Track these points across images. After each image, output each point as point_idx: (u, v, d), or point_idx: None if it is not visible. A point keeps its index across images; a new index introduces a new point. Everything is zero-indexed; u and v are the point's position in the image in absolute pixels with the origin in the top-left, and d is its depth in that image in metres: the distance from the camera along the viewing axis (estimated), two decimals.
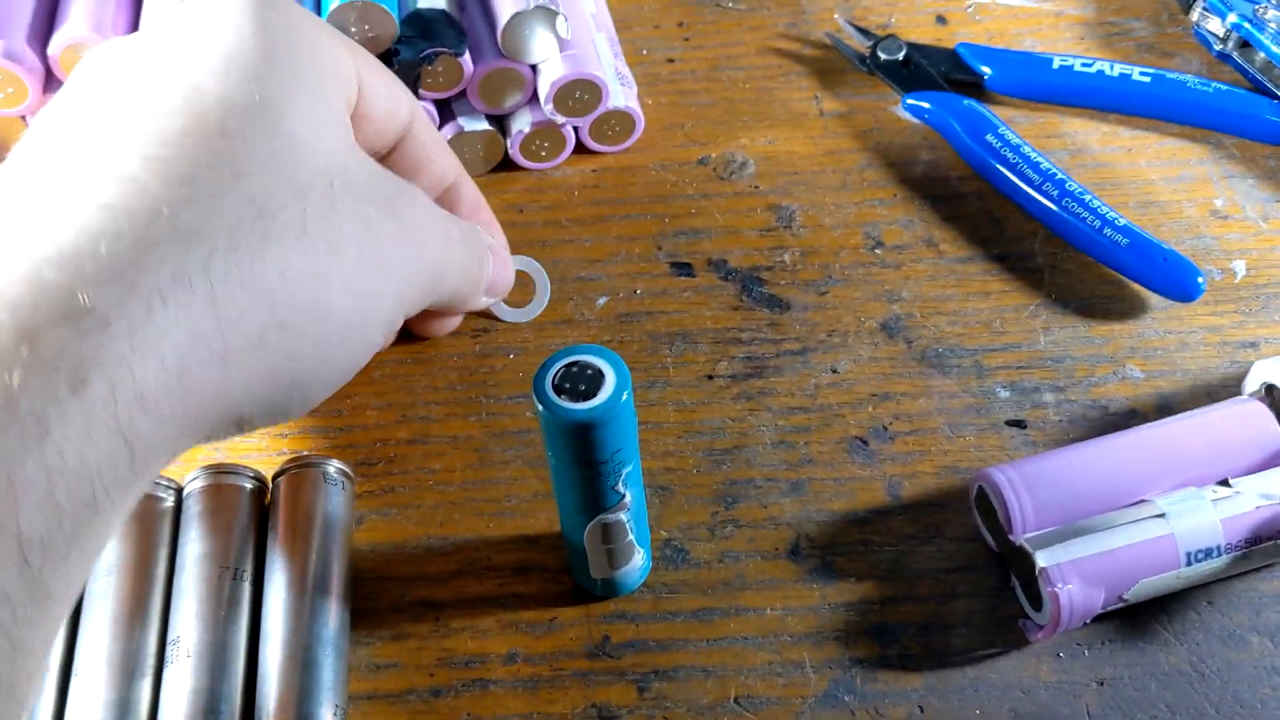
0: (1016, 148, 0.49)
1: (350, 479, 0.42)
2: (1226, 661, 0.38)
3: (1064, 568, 0.37)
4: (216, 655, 0.37)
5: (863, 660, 0.39)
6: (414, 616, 0.40)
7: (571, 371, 0.33)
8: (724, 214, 0.50)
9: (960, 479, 0.43)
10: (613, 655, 0.39)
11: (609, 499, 0.36)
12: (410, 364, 0.46)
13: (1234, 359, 0.45)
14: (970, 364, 0.45)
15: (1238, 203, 0.50)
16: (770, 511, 0.42)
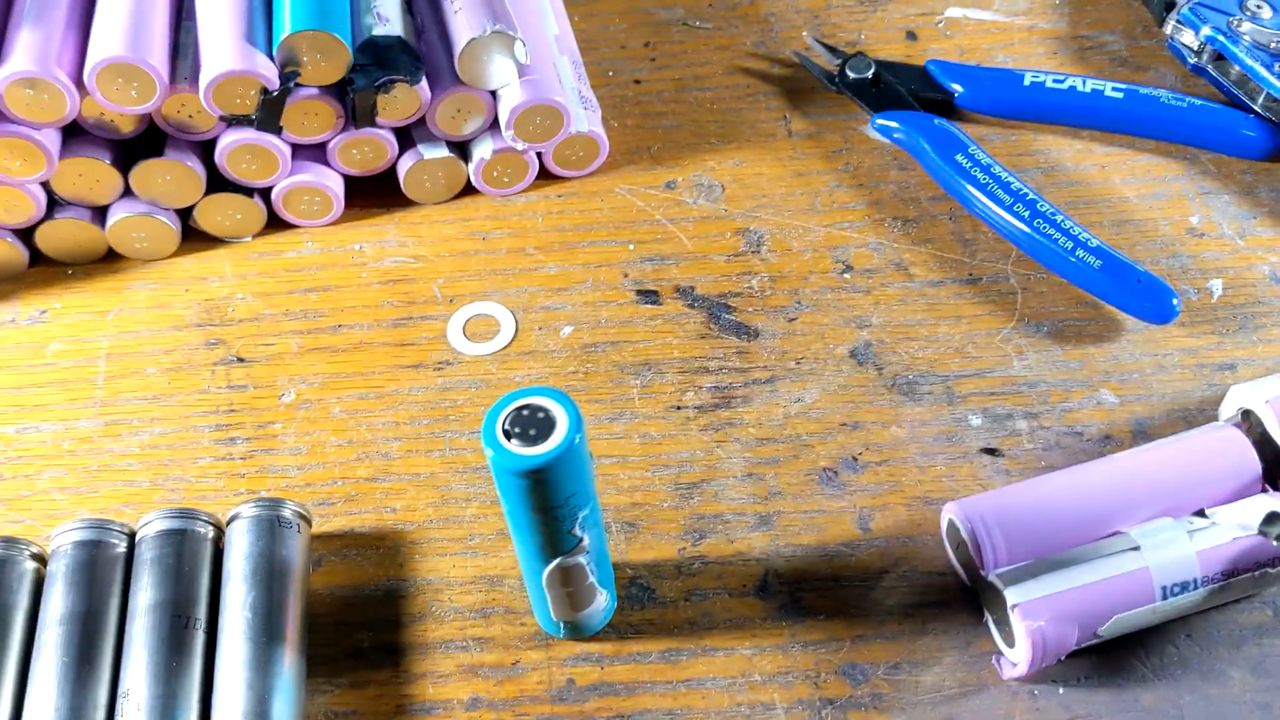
0: (987, 168, 0.48)
1: (307, 520, 0.41)
2: (1206, 698, 0.37)
3: (1036, 604, 0.36)
4: (167, 709, 0.36)
5: (833, 700, 0.38)
6: (373, 662, 0.39)
7: (522, 415, 0.32)
8: (691, 239, 0.49)
9: (932, 510, 0.42)
10: (577, 700, 0.38)
11: (566, 543, 0.35)
12: (371, 399, 0.45)
13: (1211, 381, 0.44)
14: (942, 390, 0.45)
15: (1214, 220, 0.49)
16: (738, 547, 0.41)
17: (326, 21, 0.44)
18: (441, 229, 0.50)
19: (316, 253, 0.49)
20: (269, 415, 0.45)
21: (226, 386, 0.46)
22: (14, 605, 0.39)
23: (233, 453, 0.44)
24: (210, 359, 0.47)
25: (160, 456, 0.44)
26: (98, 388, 0.46)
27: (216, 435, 0.45)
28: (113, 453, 0.44)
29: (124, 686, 0.36)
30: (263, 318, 0.48)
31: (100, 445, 0.45)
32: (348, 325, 0.47)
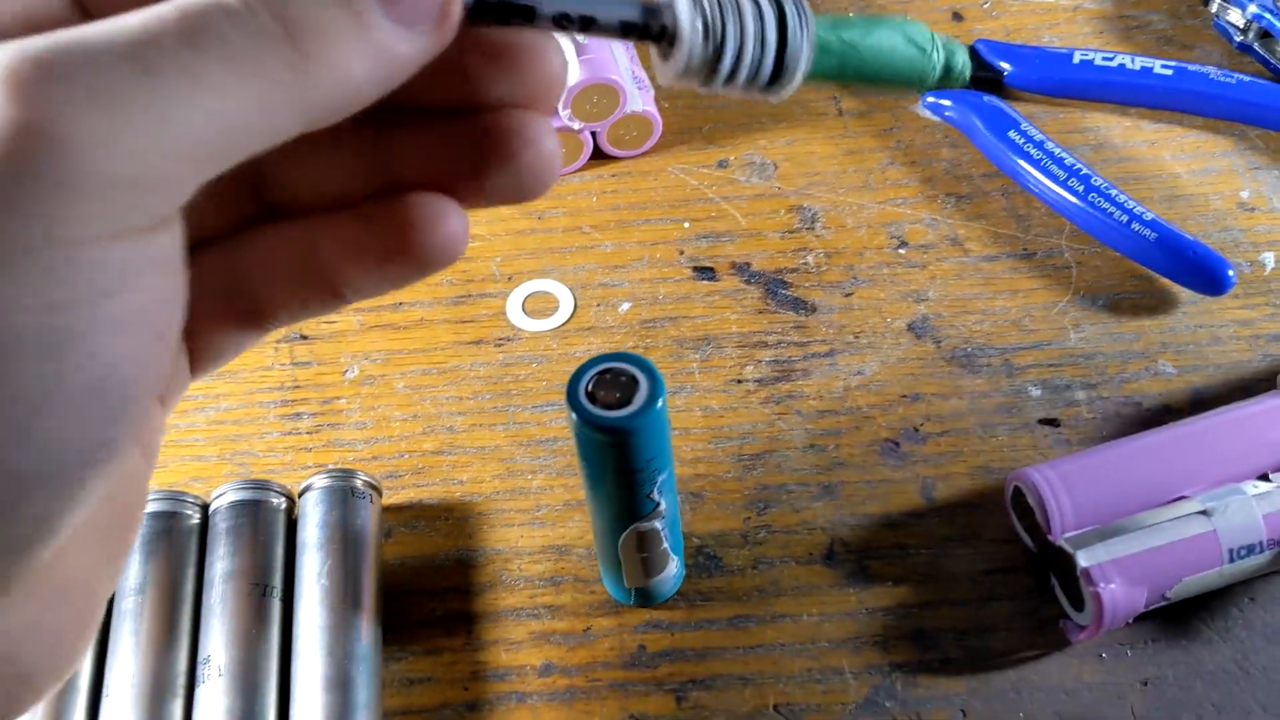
0: (1040, 143, 0.48)
1: (378, 492, 0.41)
2: (1272, 658, 0.38)
3: (1105, 567, 0.36)
4: (248, 674, 0.37)
5: (903, 665, 0.38)
6: (446, 630, 0.40)
7: (605, 379, 0.32)
8: (746, 216, 0.50)
9: (994, 479, 0.42)
10: (649, 665, 0.39)
11: (644, 507, 0.35)
12: (434, 374, 0.46)
13: (1266, 352, 0.45)
14: (1000, 363, 0.45)
15: (1264, 194, 0.49)
16: (803, 516, 0.42)
17: None
18: (498, 209, 0.50)
19: None
20: (333, 391, 0.46)
21: (290, 363, 0.46)
22: None
23: (299, 427, 0.45)
24: (273, 336, 0.47)
25: (227, 432, 0.45)
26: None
27: (282, 411, 0.45)
28: (180, 428, 0.45)
29: (204, 653, 0.37)
30: None
31: (168, 421, 0.45)
32: (408, 303, 0.48)
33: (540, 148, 0.23)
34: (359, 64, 0.20)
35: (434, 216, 0.23)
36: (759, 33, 0.23)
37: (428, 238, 0.23)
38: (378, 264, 0.23)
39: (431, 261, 0.23)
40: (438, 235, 0.23)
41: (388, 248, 0.23)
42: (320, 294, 0.24)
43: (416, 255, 0.23)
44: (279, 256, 0.24)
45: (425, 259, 0.23)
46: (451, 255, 0.23)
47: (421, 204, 0.23)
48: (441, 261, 0.23)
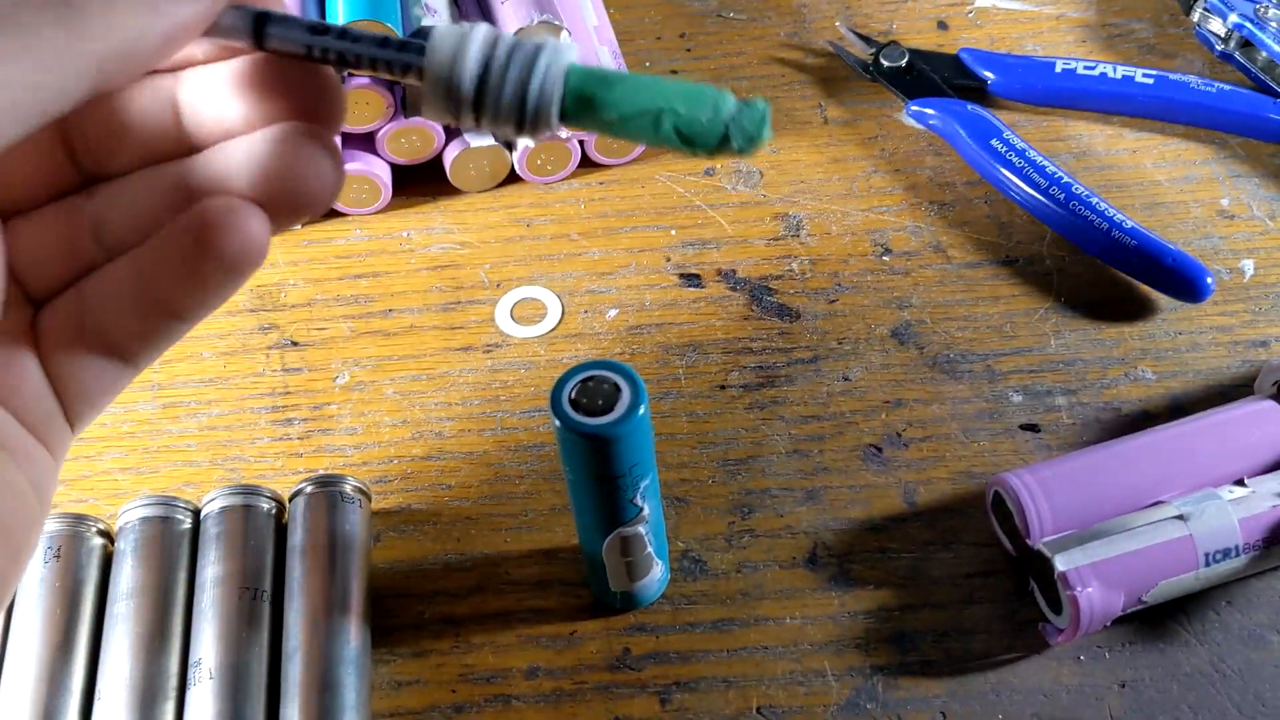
0: (1022, 152, 0.49)
1: (367, 496, 0.42)
2: (1248, 661, 0.38)
3: (1083, 571, 0.37)
4: (238, 676, 0.37)
5: (884, 668, 0.39)
6: (434, 633, 0.40)
7: (588, 386, 0.33)
8: (732, 224, 0.50)
9: (976, 484, 0.43)
10: (634, 668, 0.39)
11: (627, 512, 0.36)
12: (423, 380, 0.46)
13: (1245, 358, 0.45)
14: (982, 369, 0.46)
15: (1244, 202, 0.50)
16: (787, 520, 0.42)
17: (378, 12, 0.45)
18: (487, 216, 0.51)
19: (365, 240, 0.51)
20: (324, 397, 0.46)
21: (281, 369, 0.47)
22: (84, 580, 0.40)
23: (289, 433, 0.45)
24: (264, 343, 0.48)
25: (218, 437, 0.45)
26: (155, 371, 0.47)
27: (273, 416, 0.46)
28: (171, 434, 0.46)
29: (195, 656, 0.38)
30: (314, 303, 0.49)
31: (159, 427, 0.46)
32: (398, 310, 0.48)
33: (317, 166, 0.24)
34: (133, 18, 0.21)
35: (230, 219, 0.24)
36: (507, 76, 0.23)
37: (226, 241, 0.24)
38: (188, 276, 0.24)
39: (234, 264, 0.24)
40: (235, 237, 0.24)
41: (192, 257, 0.24)
42: (159, 317, 0.25)
43: (217, 259, 0.24)
44: (115, 288, 0.25)
45: (228, 263, 0.24)
46: (254, 255, 0.24)
47: (215, 208, 0.24)
48: (245, 262, 0.24)
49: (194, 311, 0.25)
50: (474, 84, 0.23)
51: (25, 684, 0.37)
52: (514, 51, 0.24)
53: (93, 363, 0.25)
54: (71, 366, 0.25)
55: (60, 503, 0.44)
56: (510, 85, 0.23)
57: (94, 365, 0.26)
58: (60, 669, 0.37)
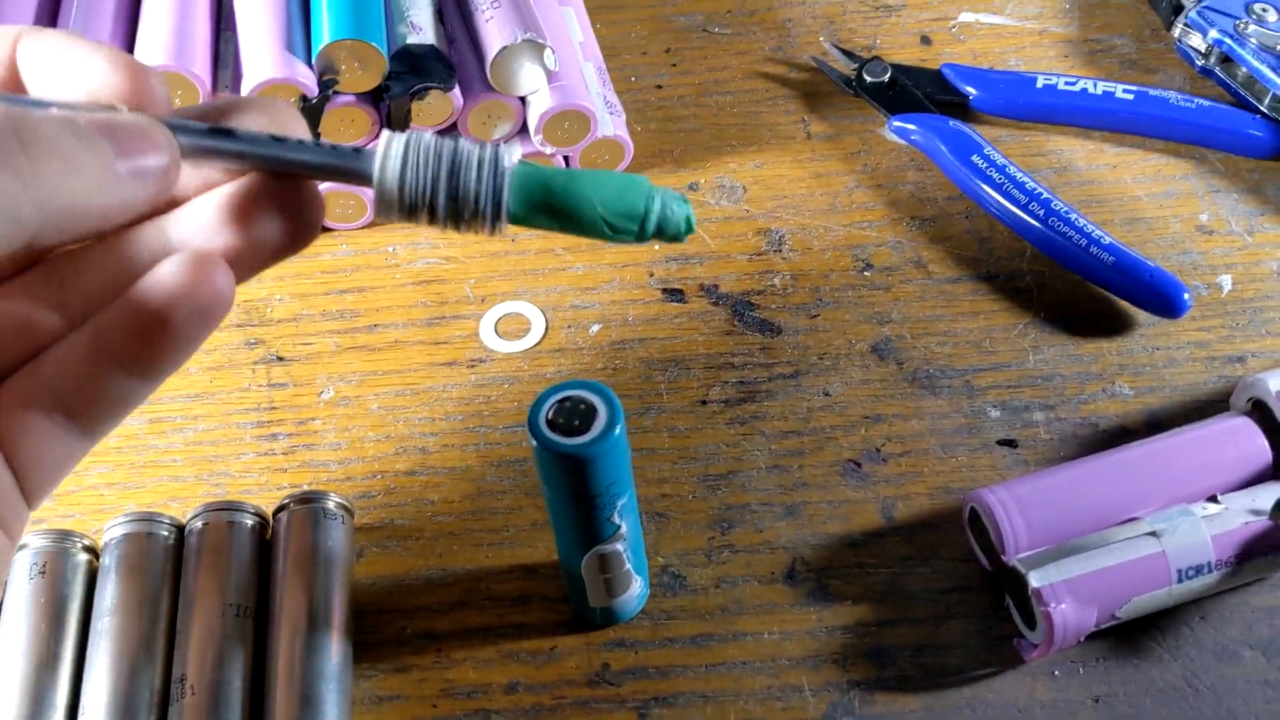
0: (1002, 168, 0.49)
1: (350, 513, 0.42)
2: (1220, 676, 0.39)
3: (1057, 587, 0.37)
4: (221, 692, 0.37)
5: (860, 683, 0.39)
6: (416, 648, 0.41)
7: (565, 407, 0.33)
8: (715, 239, 0.51)
9: (953, 499, 0.43)
10: (613, 683, 0.40)
11: (605, 530, 0.36)
12: (408, 395, 0.47)
13: (1221, 374, 0.46)
14: (961, 384, 0.46)
15: (1223, 217, 0.50)
16: (766, 536, 0.43)
17: (363, 31, 0.46)
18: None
19: (351, 255, 0.51)
20: (309, 412, 0.46)
21: (267, 384, 0.47)
22: (69, 596, 0.40)
23: (274, 448, 0.46)
24: (250, 358, 0.48)
25: (204, 453, 0.46)
26: None
27: (258, 431, 0.46)
28: (158, 449, 0.46)
29: (178, 672, 0.38)
30: (300, 318, 0.49)
31: (145, 442, 0.46)
32: (383, 325, 0.49)
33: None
34: (85, 187, 0.23)
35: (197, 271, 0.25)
36: (451, 181, 0.25)
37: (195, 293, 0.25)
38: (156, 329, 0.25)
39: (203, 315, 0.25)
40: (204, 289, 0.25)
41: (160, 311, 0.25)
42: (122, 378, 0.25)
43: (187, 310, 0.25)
44: (77, 353, 0.25)
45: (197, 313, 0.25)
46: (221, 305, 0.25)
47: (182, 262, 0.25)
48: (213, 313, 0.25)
49: (158, 369, 0.26)
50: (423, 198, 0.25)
51: (9, 700, 0.37)
52: (460, 164, 0.25)
53: (51, 435, 0.25)
54: (28, 441, 0.25)
55: (46, 518, 0.44)
56: (461, 198, 0.25)
57: (52, 437, 0.26)
58: (44, 685, 0.38)
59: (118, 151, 0.23)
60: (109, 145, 0.23)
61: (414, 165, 0.25)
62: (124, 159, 0.23)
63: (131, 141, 0.24)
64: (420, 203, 0.25)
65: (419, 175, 0.25)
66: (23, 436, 0.25)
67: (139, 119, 0.24)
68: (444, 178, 0.25)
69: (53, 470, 0.26)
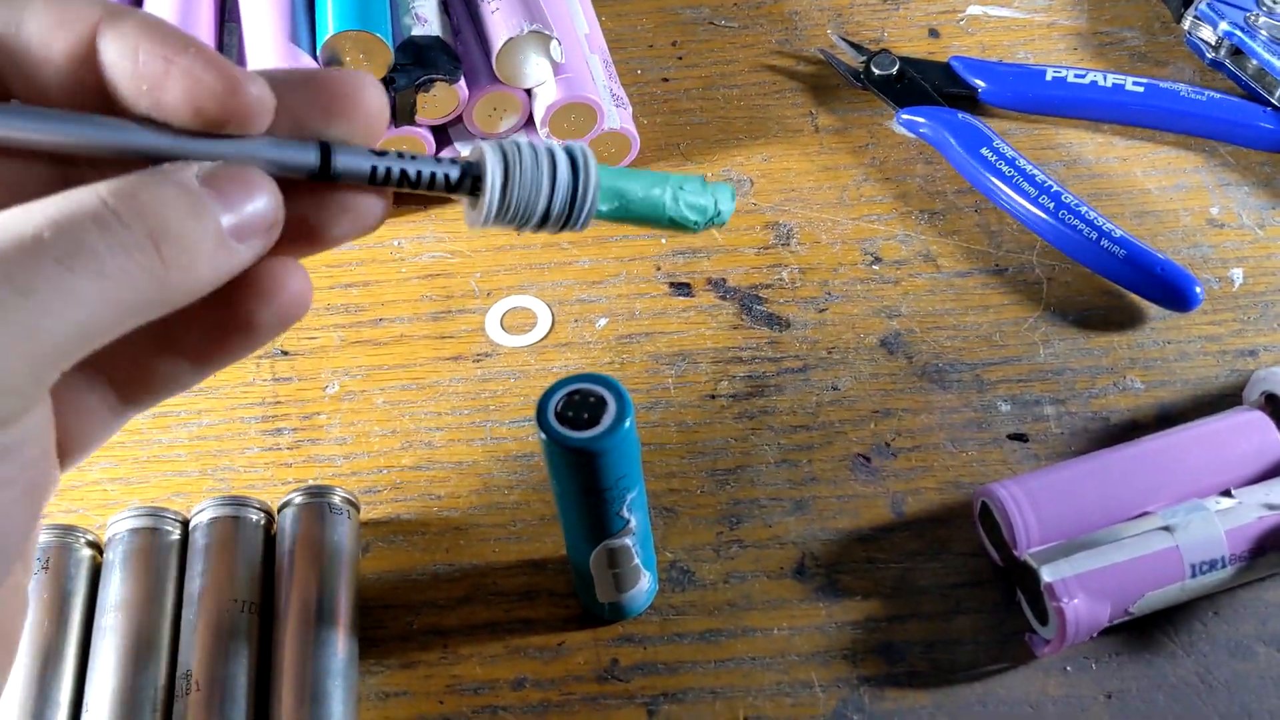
0: (1012, 160, 0.49)
1: (355, 507, 0.42)
2: (1234, 672, 0.39)
3: (1069, 582, 0.37)
4: (226, 689, 0.37)
5: (870, 679, 0.39)
6: (422, 644, 0.40)
7: (574, 400, 0.33)
8: (722, 233, 0.50)
9: (963, 494, 0.43)
10: (621, 679, 0.39)
11: (614, 525, 0.36)
12: (413, 390, 0.46)
13: (1233, 368, 0.45)
14: (971, 378, 0.46)
15: (1234, 210, 0.50)
16: (775, 531, 0.42)
17: (368, 22, 0.46)
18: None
19: (355, 249, 0.51)
20: (314, 406, 0.46)
21: (271, 379, 0.47)
22: (73, 591, 0.40)
23: (279, 443, 0.45)
24: (255, 353, 0.48)
25: (209, 447, 0.45)
26: None
27: (263, 426, 0.46)
28: (162, 444, 0.46)
29: (183, 668, 0.38)
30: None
31: (149, 437, 0.46)
32: (388, 319, 0.48)
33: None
34: (208, 270, 0.22)
35: (282, 275, 0.24)
36: (551, 188, 0.26)
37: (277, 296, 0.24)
38: (235, 330, 0.25)
39: (282, 319, 0.25)
40: (286, 292, 0.25)
41: (241, 313, 0.24)
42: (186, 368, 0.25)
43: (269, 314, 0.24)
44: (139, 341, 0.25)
45: (277, 317, 0.25)
46: (299, 311, 0.25)
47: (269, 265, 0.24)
48: (291, 316, 0.25)
49: (223, 363, 0.25)
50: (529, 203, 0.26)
51: (13, 695, 0.37)
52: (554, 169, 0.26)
53: (94, 405, 0.25)
54: (69, 408, 0.25)
55: (50, 513, 0.44)
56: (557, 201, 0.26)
57: (95, 408, 0.25)
58: (48, 680, 0.38)
59: (224, 207, 0.22)
60: (219, 209, 0.22)
61: (516, 178, 0.26)
62: (230, 215, 0.23)
63: (237, 196, 0.23)
64: (521, 213, 0.26)
65: (523, 188, 0.26)
66: (65, 403, 0.25)
67: (242, 171, 0.23)
68: (544, 186, 0.26)
69: (87, 440, 0.26)
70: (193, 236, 0.22)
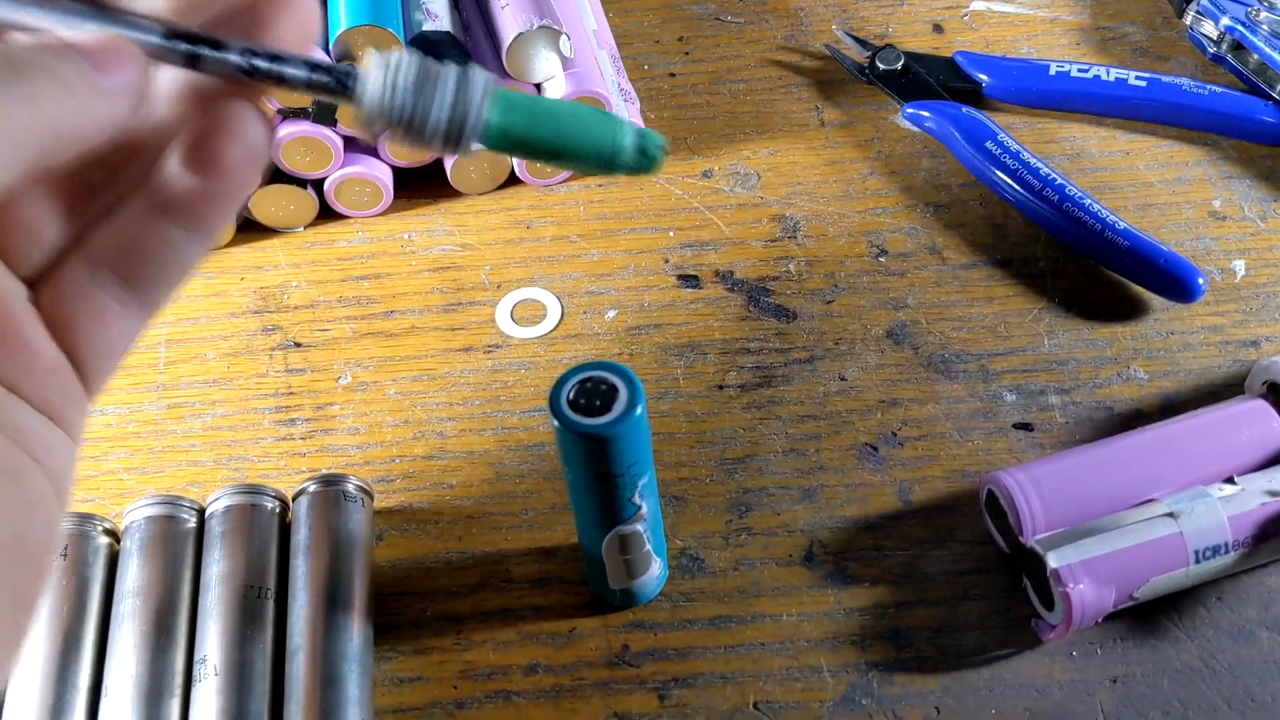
0: (1016, 154, 0.49)
1: (369, 496, 0.42)
2: (1237, 656, 0.39)
3: (1075, 568, 0.38)
4: (243, 674, 0.38)
5: (879, 664, 0.40)
6: (436, 630, 0.41)
7: (586, 387, 0.33)
8: (729, 225, 0.51)
9: (969, 482, 0.43)
10: (632, 664, 0.40)
11: (626, 511, 0.36)
12: (425, 381, 0.47)
13: (1236, 358, 0.46)
14: (976, 369, 0.46)
15: (1236, 203, 0.50)
16: (783, 519, 0.43)
17: (380, 17, 0.46)
18: (487, 218, 0.52)
19: (367, 242, 0.51)
20: (327, 397, 0.47)
21: (284, 370, 0.48)
22: (91, 578, 0.40)
23: (293, 433, 0.46)
24: (268, 344, 0.48)
25: (223, 437, 0.46)
26: (159, 373, 0.48)
27: (277, 417, 0.46)
28: (176, 434, 0.46)
29: (200, 653, 0.38)
30: (317, 304, 0.49)
31: (164, 427, 0.46)
32: (399, 311, 0.49)
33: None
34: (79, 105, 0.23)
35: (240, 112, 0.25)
36: (436, 94, 0.25)
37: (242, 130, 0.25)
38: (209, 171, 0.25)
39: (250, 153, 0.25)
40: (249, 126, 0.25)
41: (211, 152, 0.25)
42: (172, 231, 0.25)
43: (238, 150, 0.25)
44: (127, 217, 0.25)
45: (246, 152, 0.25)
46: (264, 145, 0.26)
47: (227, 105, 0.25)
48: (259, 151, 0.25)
49: (209, 218, 0.26)
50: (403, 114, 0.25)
51: (33, 681, 0.37)
52: (438, 79, 0.25)
53: (107, 306, 0.25)
54: (84, 317, 0.25)
55: None
56: (436, 113, 0.25)
57: (109, 309, 0.25)
58: (67, 666, 0.38)
59: (94, 68, 0.23)
60: (86, 63, 0.23)
61: (395, 83, 0.25)
62: (103, 76, 0.23)
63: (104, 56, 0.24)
64: (399, 118, 0.25)
65: (400, 92, 0.25)
66: (79, 313, 0.25)
67: (103, 33, 0.24)
68: (423, 102, 0.25)
69: (110, 350, 0.26)
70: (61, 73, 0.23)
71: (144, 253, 0.25)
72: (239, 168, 0.25)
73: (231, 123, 0.25)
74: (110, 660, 0.38)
